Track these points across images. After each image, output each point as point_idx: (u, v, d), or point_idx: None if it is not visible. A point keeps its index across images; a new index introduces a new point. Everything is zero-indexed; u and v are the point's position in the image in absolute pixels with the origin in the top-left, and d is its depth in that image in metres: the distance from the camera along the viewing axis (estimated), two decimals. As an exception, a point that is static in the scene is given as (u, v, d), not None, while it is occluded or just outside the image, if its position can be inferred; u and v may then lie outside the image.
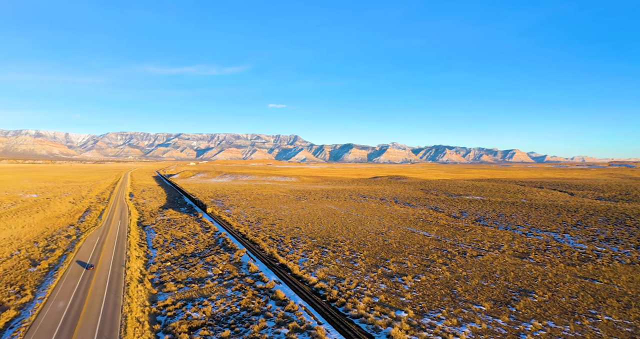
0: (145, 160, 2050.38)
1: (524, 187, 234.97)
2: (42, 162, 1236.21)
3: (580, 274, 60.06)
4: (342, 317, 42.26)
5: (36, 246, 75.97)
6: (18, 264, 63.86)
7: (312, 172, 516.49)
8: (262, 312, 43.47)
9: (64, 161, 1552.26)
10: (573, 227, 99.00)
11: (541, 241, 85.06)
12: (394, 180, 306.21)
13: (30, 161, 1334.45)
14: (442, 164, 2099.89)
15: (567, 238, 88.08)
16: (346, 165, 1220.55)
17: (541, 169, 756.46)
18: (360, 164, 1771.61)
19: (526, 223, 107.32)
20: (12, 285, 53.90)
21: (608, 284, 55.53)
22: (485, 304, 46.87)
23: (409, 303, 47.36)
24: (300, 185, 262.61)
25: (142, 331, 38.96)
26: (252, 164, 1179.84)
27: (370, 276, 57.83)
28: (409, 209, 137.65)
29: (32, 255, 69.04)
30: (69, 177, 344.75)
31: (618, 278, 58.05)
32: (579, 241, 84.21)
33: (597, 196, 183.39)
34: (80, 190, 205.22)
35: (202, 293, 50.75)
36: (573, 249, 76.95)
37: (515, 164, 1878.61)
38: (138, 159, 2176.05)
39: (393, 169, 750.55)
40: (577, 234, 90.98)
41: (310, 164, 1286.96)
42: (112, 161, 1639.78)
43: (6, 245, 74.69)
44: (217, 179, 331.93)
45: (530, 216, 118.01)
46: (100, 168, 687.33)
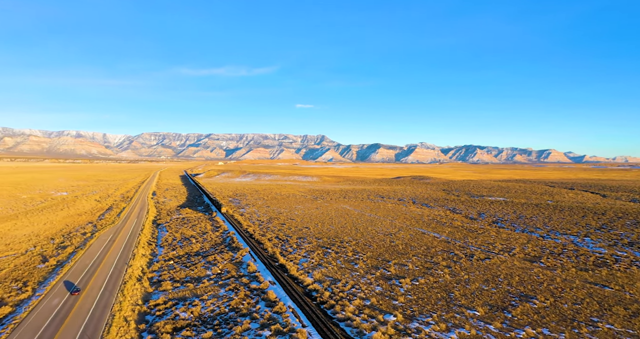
0: (177, 160, 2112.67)
1: (552, 189, 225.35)
2: (80, 161, 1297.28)
3: (591, 280, 56.94)
4: (328, 320, 41.71)
5: (52, 242, 79.51)
6: (29, 261, 66.49)
7: (336, 172, 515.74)
8: (250, 313, 43.46)
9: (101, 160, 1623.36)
10: (596, 231, 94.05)
11: (557, 245, 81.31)
12: (416, 180, 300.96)
13: (70, 160, 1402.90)
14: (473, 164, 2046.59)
15: (586, 242, 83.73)
16: (372, 165, 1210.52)
17: (577, 169, 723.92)
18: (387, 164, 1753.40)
19: (546, 226, 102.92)
20: (17, 281, 55.89)
21: (619, 290, 52.35)
22: (480, 310, 45.20)
23: (401, 306, 46.30)
24: (320, 185, 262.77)
25: (127, 331, 39.57)
26: (278, 163, 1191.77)
27: (367, 278, 56.95)
28: (425, 210, 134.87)
29: (45, 252, 71.89)
30: (101, 176, 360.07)
31: (632, 284, 54.64)
32: (599, 245, 79.83)
33: (631, 198, 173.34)
34: (108, 188, 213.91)
35: (195, 293, 51.17)
36: (590, 254, 73.08)
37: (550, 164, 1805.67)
38: (170, 159, 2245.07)
39: (419, 169, 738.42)
40: (598, 238, 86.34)
41: (336, 164, 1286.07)
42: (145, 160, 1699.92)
43: (24, 241, 78.55)
44: (240, 178, 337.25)
45: (551, 218, 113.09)
46: (133, 167, 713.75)
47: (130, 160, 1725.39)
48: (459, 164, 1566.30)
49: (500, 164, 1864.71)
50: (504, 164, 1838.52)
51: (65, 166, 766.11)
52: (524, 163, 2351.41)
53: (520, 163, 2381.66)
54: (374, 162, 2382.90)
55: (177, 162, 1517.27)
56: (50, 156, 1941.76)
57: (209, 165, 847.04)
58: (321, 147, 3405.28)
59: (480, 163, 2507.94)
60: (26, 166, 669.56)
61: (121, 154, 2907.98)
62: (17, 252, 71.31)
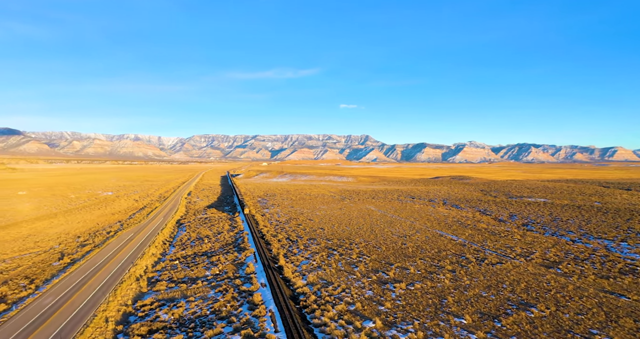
0: (225, 160, 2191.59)
1: (605, 189, 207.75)
2: (137, 163, 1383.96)
3: (609, 288, 51.97)
4: (304, 325, 41.04)
5: (76, 241, 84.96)
6: (48, 258, 70.84)
7: (374, 172, 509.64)
8: (228, 316, 43.69)
9: (155, 162, 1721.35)
10: (638, 235, 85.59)
11: (586, 249, 75.10)
12: (455, 180, 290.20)
13: (128, 162, 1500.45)
14: (527, 163, 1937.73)
15: (621, 247, 76.50)
16: (415, 165, 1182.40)
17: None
18: (433, 164, 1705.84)
19: (580, 229, 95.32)
20: (27, 278, 59.41)
21: (636, 301, 47.30)
22: (468, 318, 42.69)
23: (385, 312, 44.70)
24: (354, 185, 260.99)
25: (103, 332, 40.55)
26: (320, 164, 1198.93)
27: (362, 282, 55.62)
28: (452, 212, 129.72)
29: (66, 250, 76.57)
30: (149, 176, 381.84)
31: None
32: (635, 251, 72.63)
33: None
34: (150, 188, 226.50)
35: (185, 294, 52.04)
36: (620, 260, 66.79)
37: (615, 163, 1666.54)
38: (218, 160, 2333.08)
39: (464, 169, 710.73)
40: (637, 243, 78.59)
41: (379, 164, 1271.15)
42: (195, 161, 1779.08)
43: (53, 239, 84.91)
44: (276, 178, 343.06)
45: (590, 221, 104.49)
46: (181, 168, 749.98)
47: (181, 161, 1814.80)
48: (510, 164, 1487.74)
49: (556, 164, 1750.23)
50: (561, 164, 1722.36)
51: (121, 167, 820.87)
52: (585, 162, 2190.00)
53: (581, 162, 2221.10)
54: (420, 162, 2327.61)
55: (224, 163, 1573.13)
56: (111, 158, 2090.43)
57: (253, 165, 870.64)
58: (365, 148, 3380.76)
59: (535, 162, 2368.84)
60: (88, 168, 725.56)
61: (174, 155, 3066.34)
62: (42, 249, 76.58)
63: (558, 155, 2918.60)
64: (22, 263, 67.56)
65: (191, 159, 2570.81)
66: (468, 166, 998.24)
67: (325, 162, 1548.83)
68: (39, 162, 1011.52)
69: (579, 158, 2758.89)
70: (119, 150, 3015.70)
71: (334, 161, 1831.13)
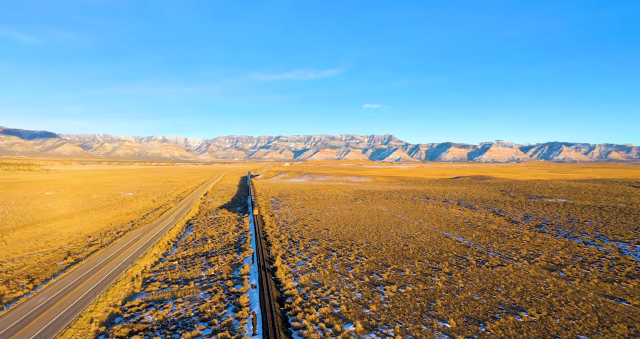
0: (248, 161, 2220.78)
1: (635, 189, 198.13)
2: (164, 164, 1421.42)
3: (610, 293, 49.86)
4: (283, 328, 40.86)
5: (86, 240, 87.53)
6: (55, 257, 72.63)
7: (394, 172, 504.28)
8: (210, 318, 43.87)
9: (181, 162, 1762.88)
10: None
11: (597, 252, 72.16)
12: (476, 180, 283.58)
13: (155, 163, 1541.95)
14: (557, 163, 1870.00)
15: (636, 250, 73.25)
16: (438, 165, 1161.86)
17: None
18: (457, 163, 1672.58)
19: (597, 230, 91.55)
20: (28, 278, 60.63)
21: (636, 306, 45.23)
22: (453, 322, 41.87)
23: (369, 315, 44.24)
24: (370, 185, 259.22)
25: (85, 333, 40.85)
26: (342, 164, 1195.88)
27: (353, 284, 55.18)
28: (465, 212, 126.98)
29: (74, 249, 78.67)
30: (172, 177, 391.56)
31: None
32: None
33: None
34: (169, 189, 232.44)
35: (175, 295, 52.36)
36: (631, 263, 63.99)
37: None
38: (241, 161, 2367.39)
39: (488, 168, 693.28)
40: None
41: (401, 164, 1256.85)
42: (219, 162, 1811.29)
43: (64, 239, 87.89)
44: (294, 179, 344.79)
45: (609, 223, 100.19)
46: (204, 169, 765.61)
47: (206, 162, 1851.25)
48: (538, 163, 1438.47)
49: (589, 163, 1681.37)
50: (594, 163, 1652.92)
51: (148, 168, 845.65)
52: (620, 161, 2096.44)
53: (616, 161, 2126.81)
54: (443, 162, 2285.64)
55: (247, 163, 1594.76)
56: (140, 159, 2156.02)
57: (274, 166, 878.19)
58: (388, 147, 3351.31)
59: (567, 161, 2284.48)
60: (116, 169, 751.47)
61: (199, 156, 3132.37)
62: (51, 249, 78.80)
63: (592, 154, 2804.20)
64: (28, 262, 69.62)
65: (216, 159, 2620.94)
66: (493, 166, 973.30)
67: (348, 162, 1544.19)
68: (72, 164, 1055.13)
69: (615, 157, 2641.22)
70: (147, 151, 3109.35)
71: (356, 161, 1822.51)
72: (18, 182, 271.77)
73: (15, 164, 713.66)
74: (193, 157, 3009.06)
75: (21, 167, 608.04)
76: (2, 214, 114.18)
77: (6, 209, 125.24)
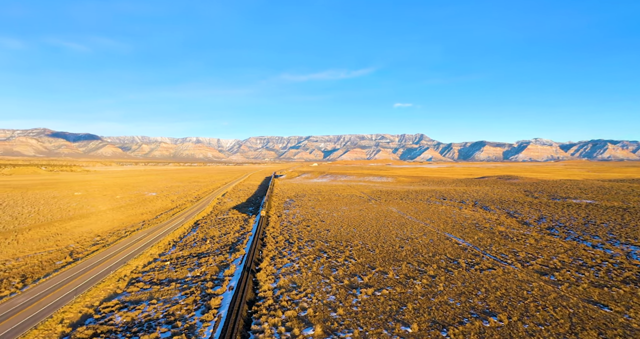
0: (278, 161, 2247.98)
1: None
2: (196, 164, 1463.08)
3: (595, 298, 47.85)
4: (243, 331, 41.18)
5: (94, 240, 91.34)
6: (56, 257, 75.00)
7: (421, 172, 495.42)
8: (175, 321, 44.26)
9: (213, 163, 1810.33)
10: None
11: (603, 255, 69.07)
12: (502, 180, 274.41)
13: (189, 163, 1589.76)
14: (601, 161, 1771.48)
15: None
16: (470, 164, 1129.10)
17: None
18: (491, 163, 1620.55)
19: (610, 233, 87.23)
20: (23, 276, 62.40)
21: (618, 312, 43.65)
22: (416, 326, 41.45)
23: (335, 319, 44.06)
24: (390, 186, 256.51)
25: (48, 335, 41.42)
26: (370, 164, 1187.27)
27: (331, 286, 55.09)
28: (477, 213, 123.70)
29: (77, 249, 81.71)
30: (199, 177, 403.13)
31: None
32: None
33: None
34: (191, 189, 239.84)
35: (152, 296, 53.01)
36: (634, 268, 61.42)
37: None
38: (272, 161, 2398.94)
39: (523, 167, 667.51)
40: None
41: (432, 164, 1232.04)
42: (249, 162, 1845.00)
43: (73, 238, 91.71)
44: (316, 179, 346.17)
45: (627, 225, 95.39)
46: (233, 169, 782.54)
47: (237, 162, 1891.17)
48: (578, 162, 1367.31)
49: (636, 162, 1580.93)
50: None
51: (180, 168, 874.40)
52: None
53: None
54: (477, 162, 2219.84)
55: (277, 163, 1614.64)
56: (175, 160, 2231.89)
57: (302, 166, 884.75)
58: (419, 147, 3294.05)
59: (612, 160, 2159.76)
60: (150, 169, 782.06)
61: (231, 157, 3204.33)
62: (56, 248, 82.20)
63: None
64: (30, 261, 72.55)
65: (247, 160, 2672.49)
66: (528, 165, 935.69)
67: (377, 162, 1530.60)
68: (111, 165, 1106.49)
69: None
70: (181, 152, 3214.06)
71: (386, 160, 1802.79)
72: (56, 183, 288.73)
73: (59, 165, 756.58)
74: (225, 158, 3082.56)
75: (64, 169, 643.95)
76: (27, 214, 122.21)
77: (33, 208, 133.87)
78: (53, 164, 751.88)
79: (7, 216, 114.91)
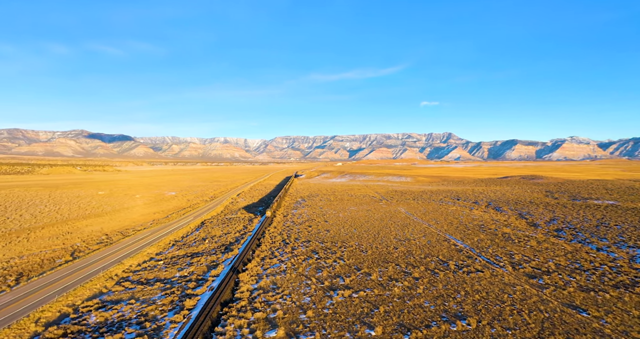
0: (303, 161, 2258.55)
1: None
2: (223, 164, 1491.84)
3: (577, 303, 46.59)
4: (207, 333, 41.73)
5: (100, 238, 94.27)
6: (59, 255, 76.53)
7: (443, 172, 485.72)
8: (145, 321, 44.70)
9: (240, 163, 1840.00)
10: (687, 246, 72.14)
11: (603, 259, 66.68)
12: (525, 180, 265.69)
13: (216, 163, 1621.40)
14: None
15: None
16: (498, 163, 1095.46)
17: None
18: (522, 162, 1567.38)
19: (620, 236, 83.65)
20: (20, 274, 63.76)
21: (595, 317, 42.51)
22: (380, 330, 41.39)
23: (302, 321, 44.16)
24: (407, 186, 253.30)
25: (20, 334, 42.04)
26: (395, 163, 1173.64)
27: (310, 288, 55.19)
28: (486, 214, 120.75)
29: (80, 247, 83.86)
30: (221, 177, 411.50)
31: (626, 312, 43.16)
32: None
33: None
34: (209, 189, 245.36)
35: (134, 295, 53.70)
36: (631, 272, 58.60)
37: None
38: (297, 161, 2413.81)
39: (553, 167, 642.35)
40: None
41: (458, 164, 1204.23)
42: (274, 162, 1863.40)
43: (81, 237, 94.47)
44: (334, 179, 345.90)
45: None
46: (257, 169, 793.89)
47: (263, 162, 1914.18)
48: (616, 161, 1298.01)
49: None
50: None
51: (206, 168, 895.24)
52: None
53: None
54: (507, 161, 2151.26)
55: (301, 163, 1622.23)
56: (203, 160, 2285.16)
57: (326, 166, 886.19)
58: (447, 146, 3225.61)
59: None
60: (178, 169, 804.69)
61: (258, 157, 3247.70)
62: (62, 246, 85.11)
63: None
64: (33, 259, 75.01)
65: (273, 159, 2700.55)
66: (560, 165, 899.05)
67: (402, 161, 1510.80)
68: (143, 164, 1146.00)
69: None
70: (210, 152, 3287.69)
71: (411, 160, 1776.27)
72: (85, 182, 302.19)
73: (93, 165, 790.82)
74: (252, 158, 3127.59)
75: (97, 168, 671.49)
76: (47, 212, 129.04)
77: (54, 207, 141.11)
78: (88, 164, 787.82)
79: (29, 214, 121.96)
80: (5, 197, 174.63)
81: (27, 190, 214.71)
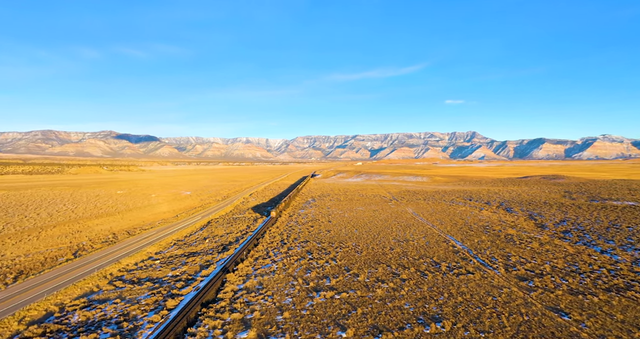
0: (324, 161, 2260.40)
1: None
2: (245, 164, 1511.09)
3: (561, 306, 45.62)
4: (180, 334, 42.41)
5: (107, 237, 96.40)
6: (63, 253, 75.52)
7: (462, 171, 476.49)
8: (123, 321, 45.29)
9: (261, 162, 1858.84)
10: (699, 250, 68.70)
11: (605, 262, 64.71)
12: (545, 180, 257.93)
13: (237, 163, 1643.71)
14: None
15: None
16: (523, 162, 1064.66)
17: None
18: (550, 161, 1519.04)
19: (629, 238, 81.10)
20: (20, 272, 64.82)
21: (577, 321, 41.07)
22: (351, 332, 41.35)
23: (277, 322, 44.41)
24: (421, 186, 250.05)
25: (1, 332, 42.60)
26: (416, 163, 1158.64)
27: (294, 289, 55.33)
28: (495, 215, 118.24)
29: (85, 246, 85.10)
30: (239, 177, 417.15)
31: (610, 316, 41.86)
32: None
33: None
34: (224, 188, 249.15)
35: (121, 295, 54.27)
36: (629, 275, 56.82)
37: None
38: (318, 160, 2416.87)
39: (579, 167, 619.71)
40: (683, 260, 63.37)
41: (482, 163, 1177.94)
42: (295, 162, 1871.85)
43: (89, 236, 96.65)
44: (349, 179, 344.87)
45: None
46: (276, 169, 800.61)
47: (284, 162, 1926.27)
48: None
49: None
50: None
51: (227, 168, 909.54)
52: None
53: None
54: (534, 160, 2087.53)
55: (322, 163, 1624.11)
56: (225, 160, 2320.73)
57: (346, 165, 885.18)
58: (471, 145, 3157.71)
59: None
60: (199, 169, 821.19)
61: (279, 156, 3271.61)
62: (68, 245, 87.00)
63: None
64: (37, 257, 76.57)
65: (294, 159, 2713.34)
66: (589, 164, 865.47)
67: (423, 161, 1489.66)
68: (167, 164, 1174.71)
69: None
70: (232, 152, 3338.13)
71: (433, 159, 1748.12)
72: (108, 181, 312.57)
73: (119, 165, 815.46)
74: (273, 157, 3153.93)
75: (122, 168, 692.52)
76: (63, 211, 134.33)
77: (72, 206, 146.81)
78: (114, 164, 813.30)
79: (46, 213, 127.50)
80: (30, 196, 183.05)
81: (52, 189, 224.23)
